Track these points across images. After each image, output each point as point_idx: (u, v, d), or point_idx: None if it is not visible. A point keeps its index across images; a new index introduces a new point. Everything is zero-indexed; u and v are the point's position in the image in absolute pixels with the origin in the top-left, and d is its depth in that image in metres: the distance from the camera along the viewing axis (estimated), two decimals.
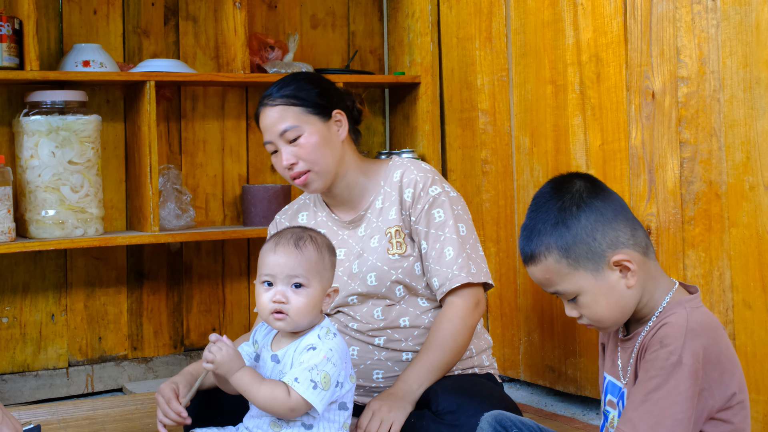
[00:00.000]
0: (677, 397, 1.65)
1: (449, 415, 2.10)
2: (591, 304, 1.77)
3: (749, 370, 2.28)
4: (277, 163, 2.37)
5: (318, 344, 1.97)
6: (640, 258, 1.77)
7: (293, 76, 2.40)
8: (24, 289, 3.21)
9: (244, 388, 1.94)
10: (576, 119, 2.79)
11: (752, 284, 2.28)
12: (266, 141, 2.36)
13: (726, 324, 2.34)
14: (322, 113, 2.35)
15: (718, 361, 1.71)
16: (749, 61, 2.26)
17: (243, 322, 3.55)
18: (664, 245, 2.50)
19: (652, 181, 2.53)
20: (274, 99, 2.34)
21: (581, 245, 1.75)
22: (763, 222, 2.25)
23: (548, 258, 1.77)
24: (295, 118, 2.32)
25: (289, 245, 1.99)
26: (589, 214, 1.76)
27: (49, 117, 2.97)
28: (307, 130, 2.32)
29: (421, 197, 2.34)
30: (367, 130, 3.76)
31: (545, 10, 2.90)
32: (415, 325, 2.34)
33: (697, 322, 1.71)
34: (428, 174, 2.38)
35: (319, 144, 2.32)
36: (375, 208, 2.40)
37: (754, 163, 2.26)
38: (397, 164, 2.42)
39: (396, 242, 2.36)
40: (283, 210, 2.57)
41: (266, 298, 1.99)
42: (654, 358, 1.69)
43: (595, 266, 1.75)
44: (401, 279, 2.34)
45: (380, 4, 3.77)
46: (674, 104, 2.46)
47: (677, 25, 2.44)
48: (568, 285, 1.77)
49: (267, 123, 2.34)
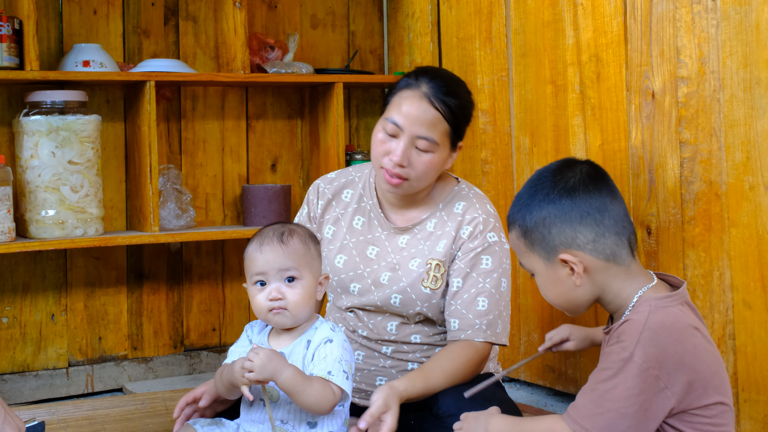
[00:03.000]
0: (623, 393, 1.70)
1: (450, 419, 2.07)
2: (542, 286, 1.91)
3: (749, 370, 2.28)
4: (381, 144, 2.22)
5: (333, 336, 1.99)
6: (597, 263, 1.83)
7: (458, 86, 2.25)
8: (24, 289, 3.21)
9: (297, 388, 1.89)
10: (576, 119, 2.79)
11: (752, 284, 2.28)
12: (394, 121, 2.20)
13: (726, 324, 2.34)
14: (454, 141, 2.26)
15: (681, 362, 1.72)
16: (749, 61, 2.26)
17: (243, 322, 3.55)
18: (664, 245, 2.50)
19: (652, 181, 2.53)
20: (437, 100, 2.20)
21: (537, 233, 1.87)
22: (763, 222, 2.25)
23: (512, 231, 1.94)
24: (439, 135, 2.20)
25: (273, 242, 2.00)
26: (552, 209, 1.85)
27: (49, 117, 2.97)
28: (437, 151, 2.21)
29: (477, 238, 2.27)
30: (367, 130, 3.76)
31: (545, 10, 2.90)
32: (426, 342, 2.32)
33: (657, 322, 1.74)
34: (490, 219, 2.30)
35: (435, 168, 2.23)
36: (426, 229, 2.32)
37: (754, 163, 2.26)
38: (462, 194, 2.34)
39: (433, 276, 2.27)
40: (329, 177, 2.45)
41: (262, 297, 1.99)
42: (609, 352, 1.75)
43: (547, 256, 1.87)
44: (425, 313, 2.29)
45: (380, 4, 3.77)
46: (674, 104, 2.46)
47: (677, 25, 2.44)
48: (525, 261, 1.93)
49: (414, 112, 2.19)
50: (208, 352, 3.48)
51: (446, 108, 2.20)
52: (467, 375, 2.20)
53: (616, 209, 1.85)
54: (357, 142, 3.75)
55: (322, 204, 2.42)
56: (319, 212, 2.42)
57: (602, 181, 1.87)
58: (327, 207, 2.42)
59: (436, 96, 2.19)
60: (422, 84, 2.21)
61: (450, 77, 2.27)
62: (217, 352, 3.50)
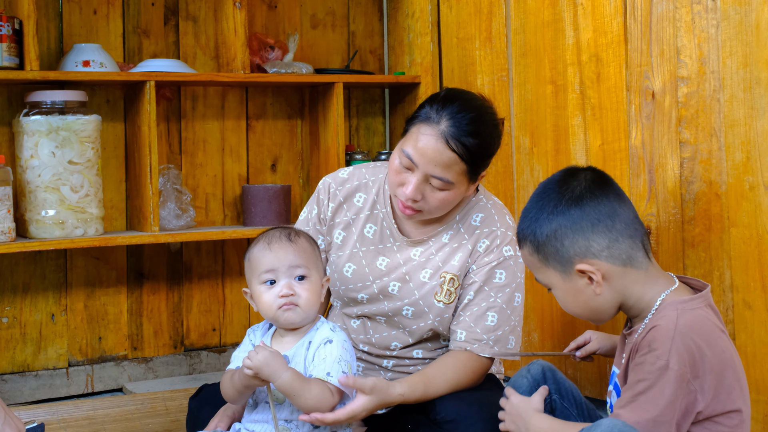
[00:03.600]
0: (661, 401, 1.68)
1: (449, 425, 2.06)
2: (561, 299, 1.87)
3: (749, 370, 2.28)
4: (396, 174, 2.16)
5: (333, 336, 2.00)
6: (614, 269, 1.80)
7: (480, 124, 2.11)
8: (24, 289, 3.21)
9: (295, 391, 1.90)
10: (576, 119, 2.79)
11: (752, 284, 2.28)
12: (410, 155, 2.12)
13: (726, 324, 2.34)
14: (473, 178, 2.18)
15: (711, 365, 1.71)
16: (749, 61, 2.26)
17: (243, 322, 3.55)
18: (664, 245, 2.50)
19: (652, 181, 2.53)
20: (456, 141, 2.09)
21: (550, 247, 1.82)
22: (763, 222, 2.25)
23: (524, 248, 1.89)
24: (455, 175, 2.12)
25: (282, 240, 2.02)
26: (562, 221, 1.81)
27: (49, 117, 2.97)
28: (452, 189, 2.14)
29: (492, 252, 2.22)
30: (367, 130, 3.76)
31: (545, 10, 2.90)
32: (428, 357, 2.31)
33: (686, 325, 1.72)
34: (509, 232, 2.24)
35: (450, 203, 2.18)
36: (440, 240, 2.26)
37: (754, 163, 2.26)
38: (480, 205, 2.28)
39: (446, 290, 2.23)
40: (340, 178, 2.36)
41: (272, 295, 1.99)
42: (642, 362, 1.72)
43: (563, 268, 1.82)
44: (436, 327, 2.25)
45: (380, 4, 3.77)
46: (674, 104, 2.46)
47: (677, 25, 2.44)
48: (541, 277, 1.87)
49: (429, 154, 2.10)
50: (208, 352, 3.48)
51: (464, 150, 2.09)
52: (469, 384, 2.19)
53: (625, 212, 1.82)
54: (357, 142, 3.75)
55: (333, 207, 2.35)
56: (330, 215, 2.35)
57: (608, 185, 1.84)
58: (338, 210, 2.35)
59: (454, 137, 2.09)
60: (442, 121, 2.10)
61: (475, 110, 2.13)
62: (217, 352, 3.50)
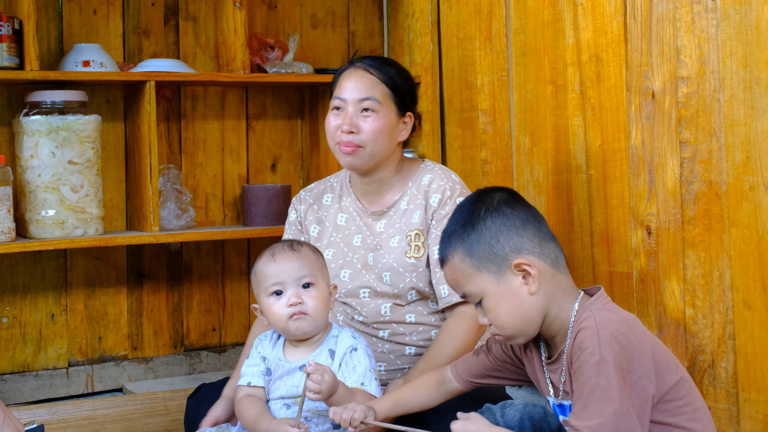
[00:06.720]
0: (613, 393, 1.68)
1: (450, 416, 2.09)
2: (493, 307, 1.82)
3: (749, 370, 2.28)
4: (332, 121, 2.39)
5: (357, 344, 2.07)
6: (546, 268, 1.82)
7: (393, 62, 2.46)
8: (24, 289, 3.21)
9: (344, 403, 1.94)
10: (576, 119, 2.79)
11: (752, 284, 2.28)
12: (338, 96, 2.39)
13: (726, 324, 2.34)
14: (400, 108, 2.41)
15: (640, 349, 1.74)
16: (749, 61, 2.26)
17: (243, 322, 3.55)
18: (664, 245, 2.50)
19: (652, 181, 2.53)
20: (373, 68, 2.39)
21: (485, 246, 1.81)
22: (763, 222, 2.25)
23: (454, 257, 1.85)
24: (381, 95, 2.37)
25: (285, 251, 2.07)
26: (495, 218, 1.83)
27: (49, 117, 2.97)
28: (383, 112, 2.37)
29: (447, 204, 2.37)
30: None
31: (545, 10, 2.90)
32: (421, 322, 2.37)
33: (605, 319, 1.76)
34: (457, 185, 2.41)
35: (384, 130, 2.37)
36: (399, 208, 2.43)
37: (754, 163, 2.26)
38: (428, 168, 2.46)
39: (414, 245, 2.38)
40: (309, 188, 2.61)
41: (281, 305, 2.03)
42: (579, 365, 1.73)
43: (498, 269, 1.81)
44: (415, 284, 2.35)
45: (380, 4, 3.77)
46: (674, 104, 2.46)
47: (677, 25, 2.44)
48: (472, 286, 1.83)
49: (352, 82, 2.38)
50: (208, 352, 3.49)
51: (383, 75, 2.39)
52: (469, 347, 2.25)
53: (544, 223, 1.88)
54: None
55: (303, 208, 2.55)
56: (303, 215, 2.55)
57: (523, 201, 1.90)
58: (308, 210, 2.55)
59: (371, 66, 2.40)
60: (357, 63, 2.42)
61: (385, 58, 2.50)
62: (217, 352, 3.50)
